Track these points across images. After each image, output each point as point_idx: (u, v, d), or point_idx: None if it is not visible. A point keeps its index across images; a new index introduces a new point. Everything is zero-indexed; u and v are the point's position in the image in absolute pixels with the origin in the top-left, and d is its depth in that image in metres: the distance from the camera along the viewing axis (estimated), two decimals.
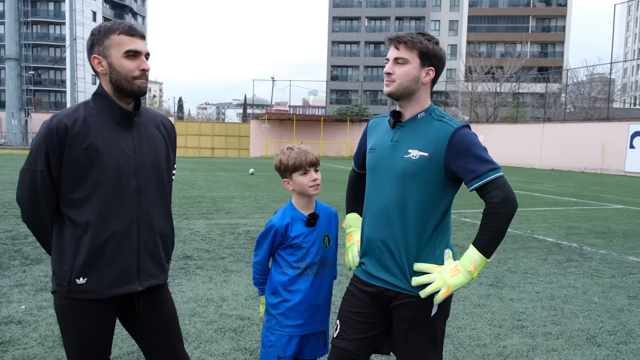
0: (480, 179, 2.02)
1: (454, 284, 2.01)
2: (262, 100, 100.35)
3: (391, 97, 2.16)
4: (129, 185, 2.09)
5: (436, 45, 2.12)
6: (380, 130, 2.28)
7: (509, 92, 47.99)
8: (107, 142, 2.05)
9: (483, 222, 2.02)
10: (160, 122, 2.28)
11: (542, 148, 33.99)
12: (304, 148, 2.51)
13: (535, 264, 6.74)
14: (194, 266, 6.09)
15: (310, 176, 2.46)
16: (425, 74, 2.13)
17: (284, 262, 2.47)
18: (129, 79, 2.06)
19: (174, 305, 2.36)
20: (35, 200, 2.04)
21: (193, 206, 11.09)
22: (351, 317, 2.25)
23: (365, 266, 2.26)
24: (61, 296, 2.08)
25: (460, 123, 2.11)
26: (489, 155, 2.07)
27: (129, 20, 79.05)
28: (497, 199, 1.99)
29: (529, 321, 4.59)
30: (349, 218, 2.53)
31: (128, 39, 2.06)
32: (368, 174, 2.29)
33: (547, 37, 71.05)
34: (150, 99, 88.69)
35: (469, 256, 2.03)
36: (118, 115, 2.09)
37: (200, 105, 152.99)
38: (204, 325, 4.23)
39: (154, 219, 2.17)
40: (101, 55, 2.06)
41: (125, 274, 2.10)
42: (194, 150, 40.85)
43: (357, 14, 72.31)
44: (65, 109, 2.10)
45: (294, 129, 41.97)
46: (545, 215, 11.29)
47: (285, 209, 2.54)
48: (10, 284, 5.17)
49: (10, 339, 3.83)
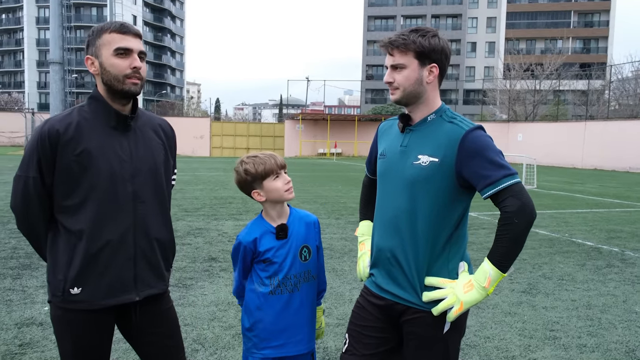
0: (494, 185, 1.85)
1: (468, 301, 1.85)
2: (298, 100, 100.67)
3: (399, 104, 2.03)
4: (125, 191, 2.01)
5: (433, 39, 1.95)
6: (390, 135, 2.14)
7: (549, 89, 46.64)
8: (102, 147, 1.97)
9: (498, 233, 1.86)
10: (159, 126, 2.19)
11: (584, 147, 32.87)
12: (267, 152, 2.33)
13: (572, 270, 6.43)
14: (218, 268, 6.05)
15: (283, 179, 2.28)
16: (427, 72, 1.97)
17: (257, 278, 2.31)
18: (119, 78, 1.97)
19: (175, 315, 2.28)
20: (28, 207, 1.99)
21: (223, 207, 11.11)
22: (360, 331, 2.11)
23: (374, 277, 2.13)
24: (56, 306, 2.02)
25: (472, 124, 1.94)
26: (504, 160, 1.90)
27: (168, 24, 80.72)
28: (512, 208, 1.82)
29: (562, 332, 4.34)
30: (361, 226, 2.40)
31: (119, 37, 1.98)
32: (378, 180, 2.15)
33: (589, 32, 68.73)
34: (188, 100, 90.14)
35: (483, 270, 1.86)
36: (113, 119, 2.01)
37: (237, 105, 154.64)
38: (222, 330, 4.16)
39: (151, 225, 2.09)
40: (93, 56, 2.00)
41: (121, 284, 2.02)
42: (230, 151, 41.23)
43: (393, 13, 71.66)
44: (58, 113, 2.03)
45: (328, 129, 41.87)
46: (586, 218, 10.84)
47: (254, 222, 2.35)
48: (36, 284, 5.23)
49: (30, 341, 3.85)
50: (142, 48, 2.03)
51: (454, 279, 1.96)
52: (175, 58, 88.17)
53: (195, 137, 40.46)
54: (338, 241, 7.76)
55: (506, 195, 1.84)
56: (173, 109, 67.86)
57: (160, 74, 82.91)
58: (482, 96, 52.54)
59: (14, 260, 6.12)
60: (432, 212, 1.95)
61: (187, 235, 7.97)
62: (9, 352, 3.66)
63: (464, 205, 2.00)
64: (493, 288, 1.86)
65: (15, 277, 5.45)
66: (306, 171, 23.61)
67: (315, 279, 2.38)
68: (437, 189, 1.94)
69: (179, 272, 5.82)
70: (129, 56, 1.98)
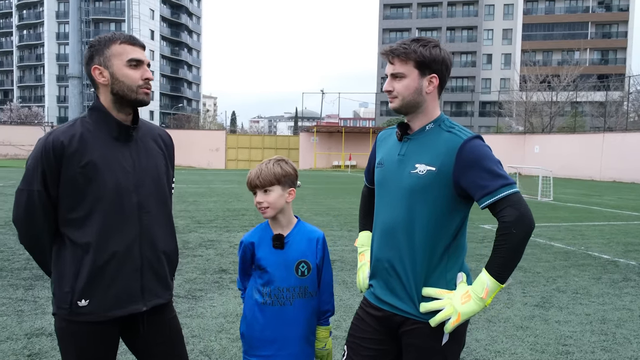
0: (492, 195, 1.83)
1: (465, 312, 1.82)
2: (313, 112, 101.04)
3: (397, 112, 2.02)
4: (130, 202, 2.01)
5: (434, 49, 1.94)
6: (388, 144, 2.13)
7: (566, 101, 46.21)
8: (106, 158, 1.98)
9: (496, 244, 1.83)
10: (158, 136, 2.21)
11: (602, 159, 32.43)
12: (256, 169, 2.31)
13: (587, 283, 6.31)
14: (228, 280, 6.05)
15: (255, 198, 2.29)
16: (427, 83, 1.96)
17: (254, 283, 2.33)
18: (133, 89, 2.01)
19: (179, 324, 2.28)
20: (32, 221, 1.99)
21: (236, 219, 11.14)
22: (359, 343, 2.09)
23: (373, 289, 2.11)
24: (61, 318, 2.02)
25: (470, 133, 1.93)
26: (502, 169, 1.87)
27: (185, 38, 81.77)
28: (510, 218, 1.79)
29: (575, 347, 4.25)
30: (361, 236, 2.37)
31: (130, 48, 2.02)
32: (376, 190, 2.14)
33: (607, 43, 68.14)
34: (204, 113, 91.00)
35: (480, 281, 1.84)
36: (115, 129, 2.03)
37: (253, 118, 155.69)
38: (229, 342, 4.15)
39: (156, 236, 2.09)
40: (102, 66, 2.01)
41: (128, 294, 2.02)
42: (245, 163, 41.46)
43: (408, 26, 71.84)
44: (61, 125, 2.05)
45: (343, 141, 41.92)
46: (603, 230, 10.65)
47: (259, 225, 2.40)
48: (48, 295, 5.27)
49: (39, 352, 3.87)
50: (148, 60, 2.08)
51: (452, 289, 1.93)
52: (191, 72, 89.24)
53: (210, 149, 40.78)
54: (349, 253, 7.72)
55: (504, 205, 1.81)
56: (189, 122, 68.53)
57: (176, 88, 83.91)
58: (498, 108, 52.25)
59: (27, 272, 6.18)
60: (429, 222, 1.93)
61: (198, 247, 7.99)
62: None
63: (462, 215, 1.98)
64: (491, 299, 1.83)
65: (28, 288, 5.51)
66: (320, 183, 23.62)
67: (314, 296, 2.34)
68: (434, 199, 1.92)
69: (189, 283, 5.83)
70: (140, 67, 2.02)
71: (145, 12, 70.73)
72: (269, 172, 2.27)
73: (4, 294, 5.29)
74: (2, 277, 5.90)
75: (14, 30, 76.33)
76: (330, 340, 2.43)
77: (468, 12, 70.37)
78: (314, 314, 2.36)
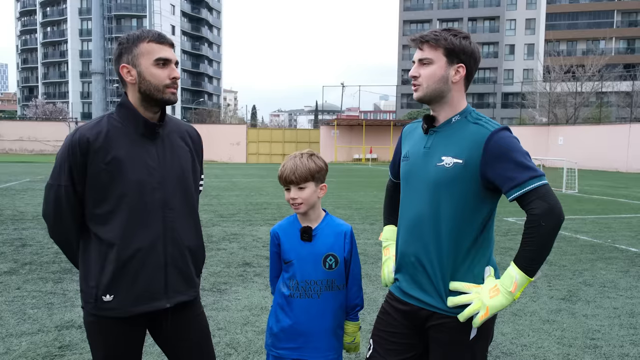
0: (520, 187, 1.81)
1: (494, 306, 1.81)
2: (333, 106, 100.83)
3: (421, 102, 2.00)
4: (153, 199, 2.03)
5: (464, 40, 1.92)
6: (414, 137, 2.12)
7: (591, 91, 45.30)
8: (131, 155, 2.00)
9: (525, 237, 1.81)
10: (186, 132, 2.22)
11: (629, 150, 31.75)
12: (292, 163, 2.29)
13: (615, 277, 6.20)
14: (252, 273, 6.10)
15: (288, 194, 2.29)
16: (454, 72, 1.94)
17: (282, 278, 2.35)
18: (159, 88, 2.01)
19: (206, 321, 2.29)
20: (60, 215, 2.03)
21: (258, 212, 11.20)
22: (385, 337, 2.09)
23: (399, 282, 2.10)
24: (89, 313, 2.06)
25: (498, 125, 1.91)
26: (530, 161, 1.85)
27: (205, 33, 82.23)
28: (539, 210, 1.77)
29: (603, 340, 4.19)
30: (385, 230, 2.37)
31: (158, 47, 2.01)
32: (402, 183, 2.13)
33: (634, 32, 66.47)
34: (225, 107, 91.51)
35: (509, 275, 1.82)
36: (142, 126, 2.04)
37: (273, 112, 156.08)
38: (255, 335, 4.19)
39: (180, 233, 2.11)
40: (130, 65, 2.02)
41: (151, 291, 2.05)
42: (266, 157, 41.62)
43: (429, 17, 71.09)
44: (88, 121, 2.08)
45: (364, 134, 41.78)
46: (630, 223, 10.45)
47: (288, 217, 2.41)
48: (77, 288, 5.38)
49: (69, 344, 3.96)
50: (176, 58, 2.08)
51: (479, 283, 1.91)
52: (212, 66, 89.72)
53: (232, 143, 40.98)
54: (372, 247, 7.71)
55: (533, 198, 1.79)
56: (210, 116, 68.96)
57: (197, 82, 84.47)
58: (521, 99, 51.45)
59: (56, 265, 6.32)
60: (456, 215, 1.92)
61: (222, 240, 8.07)
62: (49, 353, 3.77)
63: (490, 208, 1.96)
64: (520, 293, 1.82)
65: (57, 281, 5.62)
66: (341, 177, 23.59)
67: (342, 289, 2.34)
68: (461, 192, 1.90)
69: (214, 276, 5.89)
70: (168, 66, 2.03)
71: (166, 7, 71.25)
72: (304, 168, 2.27)
73: (34, 287, 5.41)
74: (32, 271, 6.03)
75: (38, 28, 77.58)
76: (359, 335, 2.44)
77: (490, 2, 69.29)
78: (342, 307, 2.36)
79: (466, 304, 1.87)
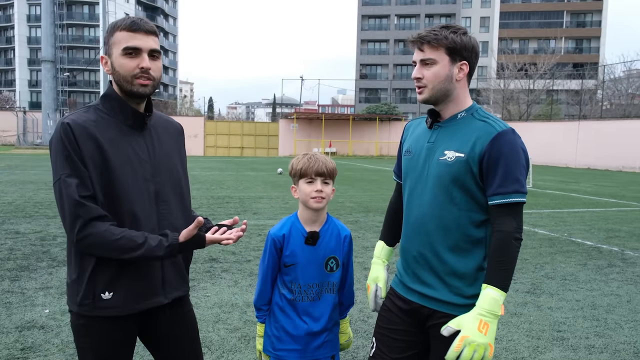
0: (504, 197, 1.84)
1: (491, 337, 1.79)
2: (291, 99, 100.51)
3: (426, 103, 1.98)
4: (148, 191, 1.93)
5: (464, 36, 1.91)
6: (417, 132, 2.10)
7: (543, 89, 46.83)
8: (121, 148, 1.89)
9: (496, 256, 1.83)
10: (169, 123, 2.14)
11: (578, 146, 33.02)
12: (318, 156, 2.25)
13: (574, 270, 6.42)
14: (219, 269, 5.99)
15: (314, 186, 2.19)
16: (457, 70, 1.93)
17: (281, 280, 2.29)
18: (128, 79, 1.88)
19: (195, 318, 2.22)
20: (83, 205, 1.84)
21: (221, 207, 11.03)
22: (388, 334, 2.08)
23: (401, 277, 2.09)
24: (78, 314, 1.93)
25: (506, 126, 1.90)
26: (522, 174, 1.88)
27: (161, 22, 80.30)
28: (510, 228, 1.84)
29: (569, 332, 4.32)
30: (375, 247, 2.34)
31: (128, 35, 1.87)
32: (403, 178, 2.11)
33: (582, 32, 69.06)
34: (182, 99, 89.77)
35: (492, 299, 1.80)
36: (130, 117, 1.94)
37: (230, 104, 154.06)
38: (227, 333, 4.10)
39: (174, 226, 2.01)
40: (107, 55, 1.91)
41: (150, 287, 1.96)
42: (224, 150, 41.10)
43: (387, 12, 71.70)
44: (73, 111, 1.95)
45: (323, 128, 41.81)
46: (583, 217, 10.85)
47: (287, 219, 2.31)
48: (36, 286, 5.14)
49: (32, 345, 3.77)
50: (153, 46, 1.92)
51: (479, 277, 1.91)
52: (168, 57, 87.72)
53: (189, 136, 40.21)
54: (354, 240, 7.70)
55: (507, 212, 1.84)
56: (166, 108, 67.50)
57: None
58: (476, 95, 52.68)
59: (11, 262, 6.02)
60: (459, 209, 1.91)
61: None
62: (11, 356, 3.59)
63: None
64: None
65: (14, 279, 5.36)
66: None
67: (337, 290, 2.34)
68: (463, 186, 1.90)
69: None
70: (138, 56, 1.88)
71: None
72: (332, 164, 2.24)
73: None
74: None
75: None
76: (350, 331, 2.47)
77: None
78: (337, 307, 2.36)
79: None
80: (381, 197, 13.52)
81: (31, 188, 13.56)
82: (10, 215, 9.06)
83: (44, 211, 9.74)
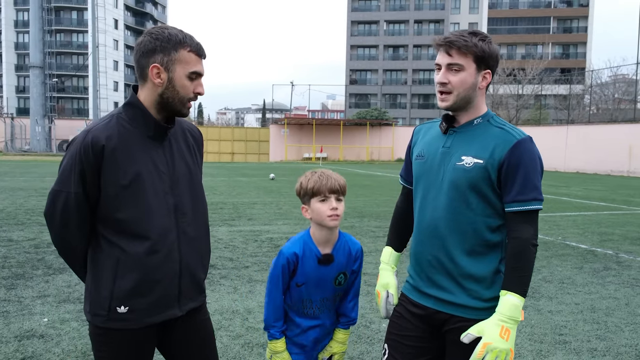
0: (522, 204, 1.86)
1: (512, 342, 1.81)
2: (281, 105, 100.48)
3: (449, 110, 1.97)
4: (167, 204, 1.92)
5: (491, 45, 1.91)
6: (429, 136, 2.09)
7: (531, 94, 47.25)
8: (142, 159, 1.88)
9: (515, 263, 1.85)
10: (187, 131, 2.11)
11: (567, 150, 33.34)
12: (329, 173, 2.21)
13: (571, 273, 6.46)
14: (218, 276, 5.95)
15: (329, 204, 2.14)
16: (482, 78, 1.93)
17: (289, 295, 2.26)
18: (184, 101, 1.91)
19: (212, 326, 2.20)
20: (67, 222, 1.87)
21: (215, 212, 10.98)
22: (400, 340, 2.06)
23: (414, 282, 2.08)
24: (96, 326, 1.92)
25: (524, 134, 1.91)
26: (540, 181, 1.90)
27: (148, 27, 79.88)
28: (527, 235, 1.86)
29: (571, 336, 4.34)
30: (383, 253, 2.33)
31: (196, 59, 1.90)
32: (415, 183, 2.10)
33: (569, 38, 69.89)
34: None
35: (513, 305, 1.82)
36: (152, 128, 1.91)
37: (220, 110, 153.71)
38: (230, 340, 4.07)
39: (193, 237, 2.00)
40: (163, 67, 1.86)
41: (166, 299, 1.94)
42: (214, 156, 40.99)
43: (376, 18, 72.08)
44: (97, 122, 1.92)
45: (314, 134, 41.86)
46: (576, 221, 10.94)
47: (299, 238, 2.24)
48: (32, 294, 5.08)
49: (32, 355, 3.71)
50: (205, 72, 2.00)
51: (496, 281, 1.92)
52: None
53: None
54: None
55: (524, 220, 1.86)
56: None
57: None
58: None
59: (6, 270, 5.94)
60: (475, 214, 1.91)
61: None
62: None
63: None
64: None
65: (10, 288, 5.29)
66: (292, 175, 23.52)
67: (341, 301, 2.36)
68: (480, 191, 1.90)
69: None
70: (196, 80, 1.93)
71: (109, 0, 68.84)
72: (343, 180, 2.21)
73: None
74: None
75: None
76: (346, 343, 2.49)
77: (435, 5, 71.04)
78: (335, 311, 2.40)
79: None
80: (375, 202, 13.53)
81: (22, 195, 13.41)
82: (1, 222, 8.95)
83: (36, 218, 9.63)
